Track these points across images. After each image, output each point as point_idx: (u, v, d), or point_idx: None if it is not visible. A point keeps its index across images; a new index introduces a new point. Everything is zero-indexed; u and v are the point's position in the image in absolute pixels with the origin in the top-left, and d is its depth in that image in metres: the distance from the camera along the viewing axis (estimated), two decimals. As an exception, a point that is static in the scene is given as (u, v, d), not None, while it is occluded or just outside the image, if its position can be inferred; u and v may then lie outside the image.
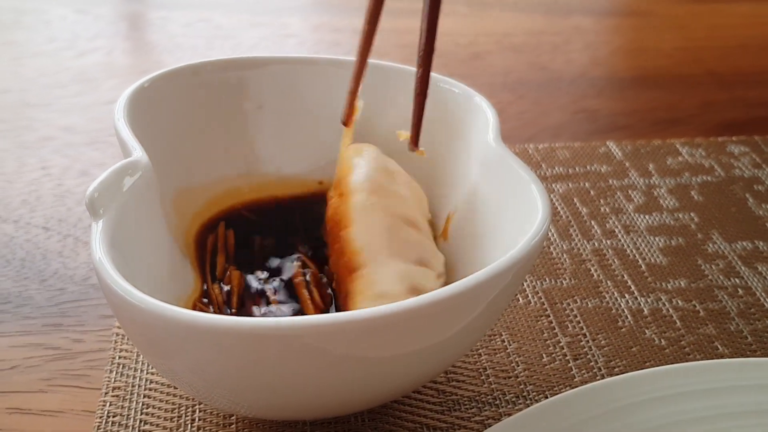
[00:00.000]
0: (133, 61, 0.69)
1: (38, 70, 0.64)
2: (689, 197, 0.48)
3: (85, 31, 0.72)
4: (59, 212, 0.46)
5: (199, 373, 0.26)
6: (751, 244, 0.44)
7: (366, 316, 0.23)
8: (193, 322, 0.23)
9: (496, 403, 0.34)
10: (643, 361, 0.36)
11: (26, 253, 0.43)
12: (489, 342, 0.37)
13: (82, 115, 0.57)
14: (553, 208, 0.47)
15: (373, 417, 0.33)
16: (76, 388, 0.34)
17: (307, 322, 0.23)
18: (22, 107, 0.58)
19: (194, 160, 0.38)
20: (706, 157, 0.53)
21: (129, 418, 0.33)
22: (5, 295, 0.40)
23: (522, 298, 0.40)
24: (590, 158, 0.52)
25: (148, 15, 0.78)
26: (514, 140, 0.55)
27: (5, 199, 0.47)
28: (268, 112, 0.39)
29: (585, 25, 0.78)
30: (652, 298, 0.40)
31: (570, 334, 0.38)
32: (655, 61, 0.70)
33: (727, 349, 0.37)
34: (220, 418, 0.33)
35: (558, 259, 0.43)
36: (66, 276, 0.41)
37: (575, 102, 0.62)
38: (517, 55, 0.71)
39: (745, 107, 0.62)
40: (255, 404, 0.28)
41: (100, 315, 0.38)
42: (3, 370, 0.35)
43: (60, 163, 0.51)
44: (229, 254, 0.37)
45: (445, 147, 0.37)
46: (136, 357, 0.36)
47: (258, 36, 0.72)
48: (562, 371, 0.36)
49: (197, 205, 0.38)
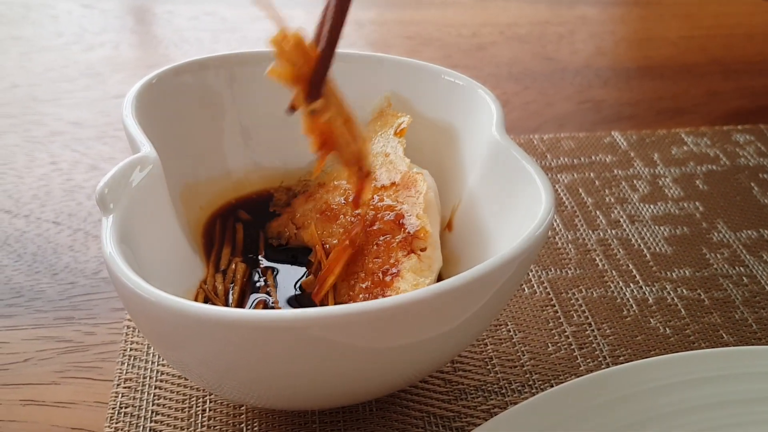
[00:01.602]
0: (139, 55, 0.69)
1: (46, 64, 0.64)
2: (694, 186, 0.49)
3: (92, 26, 0.72)
4: (69, 207, 0.46)
5: (209, 364, 0.27)
6: (756, 233, 0.44)
7: (372, 307, 0.24)
8: (202, 314, 0.24)
9: (502, 392, 0.34)
10: (648, 350, 0.37)
11: (37, 247, 0.43)
12: (495, 332, 0.37)
13: (91, 110, 0.57)
14: (558, 199, 0.47)
15: (381, 406, 0.33)
16: (89, 380, 0.35)
17: (314, 314, 0.23)
18: (31, 102, 0.58)
19: (202, 154, 0.38)
20: (711, 147, 0.53)
21: (141, 409, 0.33)
22: (17, 289, 0.40)
23: (527, 288, 0.40)
24: (595, 148, 0.52)
25: (155, 9, 0.78)
26: (519, 131, 0.55)
27: (16, 194, 0.47)
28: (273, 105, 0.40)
29: (590, 15, 0.78)
30: (657, 287, 0.40)
31: (575, 324, 0.38)
32: (660, 51, 0.70)
33: (732, 337, 0.37)
34: (230, 408, 0.33)
35: (563, 249, 0.43)
36: (77, 270, 0.42)
37: (580, 92, 0.62)
38: (521, 46, 0.70)
39: (750, 96, 0.62)
40: (264, 394, 0.29)
41: (111, 308, 0.39)
42: (16, 362, 0.36)
43: (69, 157, 0.51)
44: (236, 246, 0.37)
45: (449, 139, 0.38)
46: (147, 349, 0.36)
47: (263, 29, 0.73)
48: (568, 360, 0.36)
49: (205, 198, 0.39)
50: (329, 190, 0.38)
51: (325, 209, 0.36)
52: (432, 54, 0.68)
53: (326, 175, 0.39)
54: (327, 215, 0.36)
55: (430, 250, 0.32)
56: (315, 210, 0.37)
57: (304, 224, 0.37)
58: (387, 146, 0.37)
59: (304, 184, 0.40)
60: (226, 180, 0.39)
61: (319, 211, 0.37)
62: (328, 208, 0.36)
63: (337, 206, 0.36)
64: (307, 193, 0.39)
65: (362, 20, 0.75)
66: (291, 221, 0.38)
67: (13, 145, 0.53)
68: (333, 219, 0.36)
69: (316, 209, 0.37)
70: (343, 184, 0.37)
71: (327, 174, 0.39)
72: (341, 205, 0.36)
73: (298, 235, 0.37)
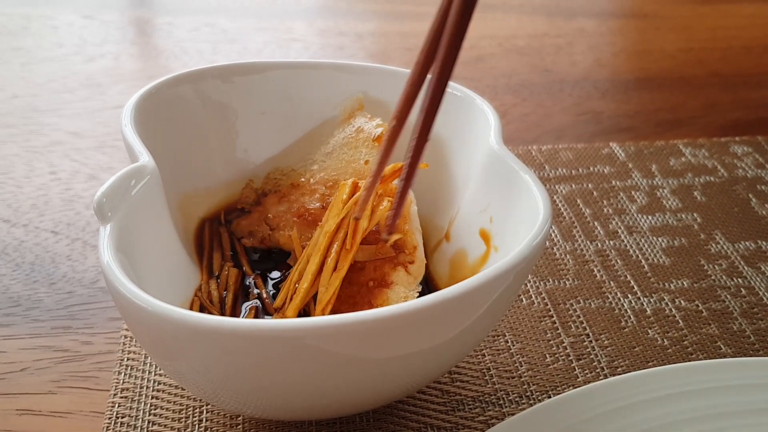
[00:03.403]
0: (140, 66, 0.69)
1: (47, 75, 0.65)
2: (692, 198, 0.49)
3: (92, 37, 0.73)
4: (68, 216, 0.46)
5: (205, 374, 0.27)
6: (753, 244, 0.45)
7: (368, 317, 0.24)
8: (198, 324, 0.24)
9: (500, 403, 0.34)
10: (645, 361, 0.37)
11: (35, 256, 0.43)
12: (493, 342, 0.37)
13: (90, 120, 0.58)
14: (556, 210, 0.47)
15: (378, 417, 0.33)
16: (85, 389, 0.35)
17: (309, 324, 0.23)
18: (31, 112, 0.58)
19: (199, 164, 0.39)
20: (709, 158, 0.53)
21: (137, 419, 0.33)
22: (15, 298, 0.40)
23: (525, 299, 0.40)
24: (593, 159, 0.53)
25: (155, 20, 0.78)
26: (517, 142, 0.55)
27: (15, 203, 0.47)
28: (271, 116, 0.40)
29: (588, 27, 0.79)
30: (655, 298, 0.40)
31: (573, 335, 0.38)
32: (658, 63, 0.70)
33: (730, 348, 0.37)
34: (227, 418, 0.33)
35: (561, 260, 0.43)
36: (74, 279, 0.42)
37: (579, 104, 0.62)
38: (520, 58, 0.71)
39: (748, 108, 0.62)
40: (260, 404, 0.29)
41: (109, 317, 0.39)
42: (13, 372, 0.36)
43: (68, 167, 0.51)
44: (224, 250, 0.37)
45: (447, 150, 0.38)
46: (144, 359, 0.36)
47: (263, 40, 0.73)
48: (566, 371, 0.36)
49: (202, 207, 0.39)
50: (304, 192, 0.37)
51: (302, 213, 0.36)
52: (431, 65, 0.68)
53: (297, 174, 0.39)
54: (306, 219, 0.36)
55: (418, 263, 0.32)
56: (290, 212, 0.37)
57: (279, 226, 0.37)
58: (368, 154, 0.37)
59: (274, 183, 0.40)
60: (224, 190, 0.40)
61: (296, 214, 0.37)
62: (306, 211, 0.36)
63: (315, 210, 0.36)
64: (279, 193, 0.39)
65: (362, 32, 0.75)
66: (264, 221, 0.38)
67: (12, 154, 0.53)
68: (312, 223, 0.36)
69: (291, 212, 0.37)
70: (319, 188, 0.37)
71: (297, 173, 0.39)
72: (320, 210, 0.36)
73: (273, 236, 0.37)
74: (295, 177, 0.39)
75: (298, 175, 0.39)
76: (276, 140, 0.40)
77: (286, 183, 0.39)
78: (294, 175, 0.39)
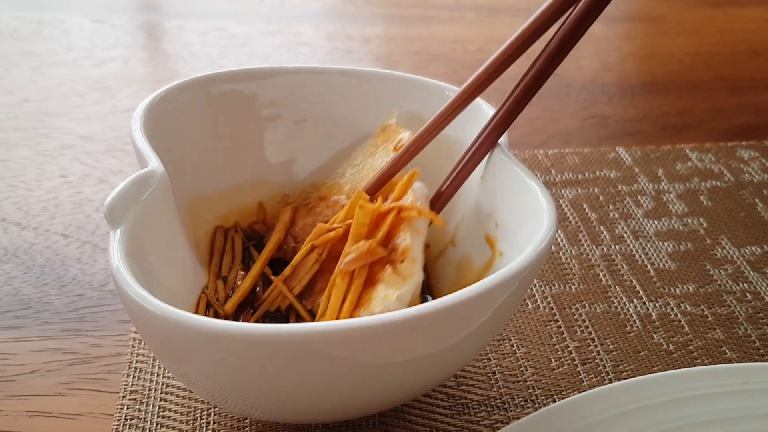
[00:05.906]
0: (149, 70, 0.70)
1: (57, 79, 0.65)
2: (698, 202, 0.49)
3: (102, 41, 0.73)
4: (78, 219, 0.47)
5: (213, 377, 0.27)
6: (760, 249, 0.45)
7: (373, 322, 0.24)
8: (206, 328, 0.24)
9: (505, 407, 0.34)
10: (651, 366, 0.37)
11: (46, 259, 0.44)
12: (498, 346, 0.38)
13: (100, 124, 0.58)
14: (562, 214, 0.47)
15: (384, 420, 0.34)
16: (95, 391, 0.35)
17: (315, 329, 0.24)
18: (42, 116, 0.59)
19: (209, 168, 0.39)
20: (715, 162, 0.53)
21: (146, 421, 0.33)
22: (26, 300, 0.41)
23: (531, 303, 0.40)
24: (600, 164, 0.53)
25: (164, 24, 0.79)
26: (524, 146, 0.55)
27: (25, 206, 0.48)
28: (279, 121, 0.40)
29: (595, 31, 0.78)
30: (661, 302, 0.41)
31: (578, 339, 0.38)
32: (665, 67, 0.70)
33: (736, 353, 0.37)
34: (234, 421, 0.34)
35: (567, 264, 0.43)
36: (84, 282, 0.42)
37: (586, 108, 0.62)
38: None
39: (755, 112, 0.62)
40: (267, 408, 0.29)
41: (118, 320, 0.39)
42: (23, 374, 0.36)
43: (79, 170, 0.52)
44: (236, 256, 0.38)
45: (452, 154, 0.38)
46: (152, 361, 0.36)
47: (272, 44, 0.73)
48: (571, 375, 0.36)
49: (212, 212, 0.39)
50: (329, 204, 0.38)
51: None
52: (438, 69, 0.68)
53: (327, 188, 0.39)
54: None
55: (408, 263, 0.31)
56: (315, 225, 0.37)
57: (304, 239, 0.37)
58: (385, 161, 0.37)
59: (305, 196, 0.40)
60: (234, 194, 0.40)
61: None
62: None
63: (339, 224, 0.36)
64: (308, 206, 0.39)
65: (369, 36, 0.76)
66: (290, 234, 0.38)
67: (23, 158, 0.53)
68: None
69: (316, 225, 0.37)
70: (342, 199, 0.37)
71: (328, 187, 0.39)
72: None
73: (297, 249, 0.37)
74: (325, 190, 0.39)
75: (327, 189, 0.39)
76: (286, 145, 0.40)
77: (316, 196, 0.39)
78: (324, 188, 0.39)
